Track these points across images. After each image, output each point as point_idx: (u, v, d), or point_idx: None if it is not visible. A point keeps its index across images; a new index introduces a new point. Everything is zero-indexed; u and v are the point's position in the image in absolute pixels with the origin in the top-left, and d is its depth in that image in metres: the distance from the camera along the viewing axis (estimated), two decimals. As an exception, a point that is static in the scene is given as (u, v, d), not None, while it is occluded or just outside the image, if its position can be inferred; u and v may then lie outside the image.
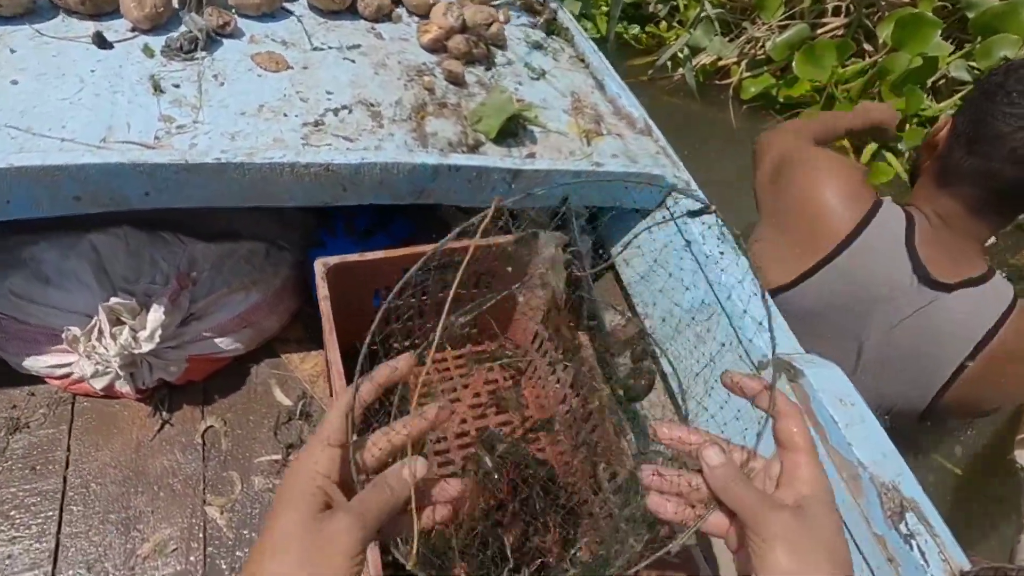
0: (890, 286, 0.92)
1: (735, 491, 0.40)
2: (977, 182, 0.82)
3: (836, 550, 0.38)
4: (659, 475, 0.44)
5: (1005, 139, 0.77)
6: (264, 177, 0.66)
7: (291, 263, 0.93)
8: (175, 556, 0.75)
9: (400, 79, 0.86)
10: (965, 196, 0.85)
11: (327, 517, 0.36)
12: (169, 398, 0.87)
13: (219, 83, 0.75)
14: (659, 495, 0.44)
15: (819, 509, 0.39)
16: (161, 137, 0.66)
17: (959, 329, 0.89)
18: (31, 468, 0.78)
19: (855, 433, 0.64)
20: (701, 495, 0.43)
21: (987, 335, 0.88)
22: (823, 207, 0.95)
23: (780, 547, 0.37)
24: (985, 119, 0.79)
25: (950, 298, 0.89)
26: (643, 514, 0.54)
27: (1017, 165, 0.77)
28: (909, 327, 0.92)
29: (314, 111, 0.75)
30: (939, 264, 0.90)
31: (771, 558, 0.37)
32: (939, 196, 0.88)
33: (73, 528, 0.75)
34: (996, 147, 0.78)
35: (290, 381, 0.93)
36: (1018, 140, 0.76)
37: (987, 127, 0.79)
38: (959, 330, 0.89)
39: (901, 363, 0.93)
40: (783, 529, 0.38)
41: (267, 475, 0.83)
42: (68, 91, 0.68)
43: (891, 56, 1.84)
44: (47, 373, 0.80)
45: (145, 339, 0.76)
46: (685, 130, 2.06)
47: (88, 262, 0.77)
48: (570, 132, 0.91)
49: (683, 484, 0.43)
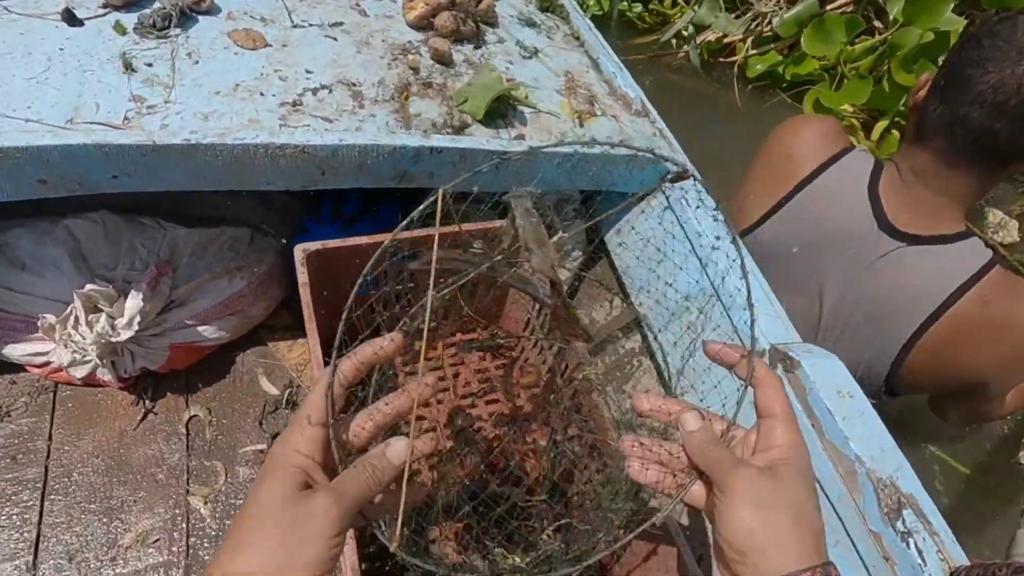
0: (847, 229, 0.89)
1: (709, 453, 0.39)
2: (947, 131, 0.79)
3: (803, 512, 0.37)
4: (639, 444, 0.43)
5: (972, 84, 0.75)
6: (237, 159, 0.64)
7: (276, 250, 0.91)
8: (157, 546, 0.74)
9: (384, 58, 0.82)
10: (938, 148, 0.81)
11: (305, 496, 0.35)
12: (153, 387, 0.85)
13: (193, 61, 0.72)
14: (639, 463, 0.43)
15: (789, 471, 0.38)
16: (131, 118, 0.64)
17: (923, 286, 0.84)
18: (12, 457, 0.77)
19: (853, 427, 0.61)
20: (682, 464, 0.42)
21: (952, 296, 0.82)
22: (791, 148, 0.95)
23: (743, 503, 0.36)
24: (955, 68, 0.77)
25: (915, 251, 0.85)
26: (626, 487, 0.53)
27: (984, 109, 0.74)
28: (869, 279, 0.88)
29: (292, 91, 0.72)
30: (904, 214, 0.86)
31: (733, 513, 0.36)
32: (914, 151, 0.85)
33: (55, 518, 0.74)
34: (964, 92, 0.76)
35: (277, 370, 0.91)
36: (985, 84, 0.73)
37: (956, 75, 0.77)
38: (923, 288, 0.84)
39: (861, 322, 0.89)
40: (748, 485, 0.37)
41: (252, 465, 0.82)
42: (35, 70, 0.66)
43: (902, 31, 1.77)
44: (27, 361, 0.79)
45: (123, 327, 0.74)
46: (688, 110, 2.01)
47: (65, 248, 0.75)
48: (562, 113, 0.87)
49: (663, 453, 0.43)
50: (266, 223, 0.91)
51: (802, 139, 0.96)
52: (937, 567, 0.54)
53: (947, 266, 0.84)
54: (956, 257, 0.84)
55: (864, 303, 0.89)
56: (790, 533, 0.35)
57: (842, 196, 0.90)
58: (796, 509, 0.36)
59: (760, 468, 0.38)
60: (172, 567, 0.72)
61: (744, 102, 2.03)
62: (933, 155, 0.82)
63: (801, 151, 0.94)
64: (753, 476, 0.37)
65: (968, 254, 0.84)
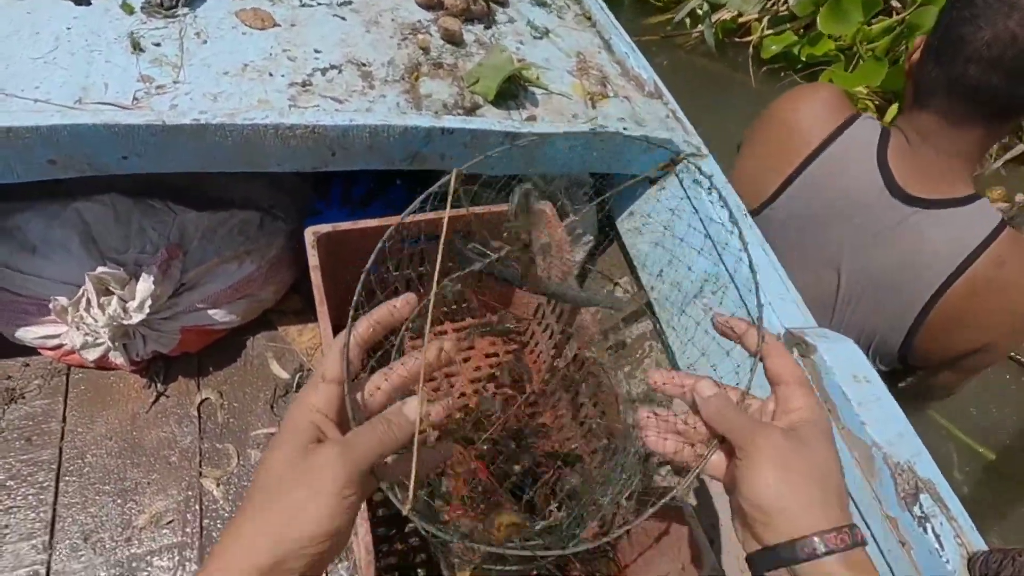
0: (860, 199, 0.88)
1: (728, 417, 0.38)
2: (946, 91, 0.80)
3: (829, 473, 0.36)
4: (655, 415, 0.43)
5: (965, 42, 0.75)
6: (247, 140, 0.63)
7: (286, 233, 0.91)
8: (171, 528, 0.74)
9: (393, 37, 0.81)
10: (939, 108, 0.81)
11: (315, 449, 0.34)
12: (164, 370, 0.86)
13: (201, 41, 0.71)
14: (656, 433, 0.42)
15: (812, 432, 0.37)
16: (140, 98, 0.63)
17: (937, 251, 0.83)
18: (26, 439, 0.77)
19: (869, 412, 0.61)
20: (700, 435, 0.41)
21: (968, 259, 0.82)
22: (795, 122, 0.94)
23: (767, 463, 0.35)
24: (948, 29, 0.77)
25: (927, 215, 0.84)
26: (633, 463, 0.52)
27: (979, 65, 0.75)
28: (884, 248, 0.87)
29: (301, 71, 0.72)
30: (914, 179, 0.85)
31: (757, 474, 0.35)
32: (917, 114, 0.85)
33: (70, 499, 0.74)
34: (958, 51, 0.76)
35: (287, 354, 0.91)
36: (979, 40, 0.74)
37: (950, 35, 0.77)
38: (936, 252, 0.83)
39: (878, 290, 0.89)
40: (772, 446, 0.36)
41: (263, 448, 0.82)
42: (42, 49, 0.65)
43: (921, 10, 1.73)
44: (39, 344, 0.79)
45: (135, 309, 0.74)
46: (702, 91, 1.98)
47: (75, 231, 0.75)
48: (574, 94, 0.86)
49: (679, 423, 0.42)
50: (276, 206, 0.90)
51: (806, 111, 0.94)
52: (955, 552, 0.53)
53: (961, 229, 0.83)
54: (969, 220, 0.83)
55: (881, 272, 0.88)
56: (816, 493, 0.35)
57: (852, 166, 0.89)
58: (821, 470, 0.36)
59: (783, 429, 0.37)
60: (186, 548, 0.73)
61: (758, 83, 2.00)
62: (935, 115, 0.82)
63: (806, 123, 0.93)
64: (778, 436, 0.36)
65: (980, 216, 0.83)
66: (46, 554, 0.70)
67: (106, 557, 0.71)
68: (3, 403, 0.80)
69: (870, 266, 0.89)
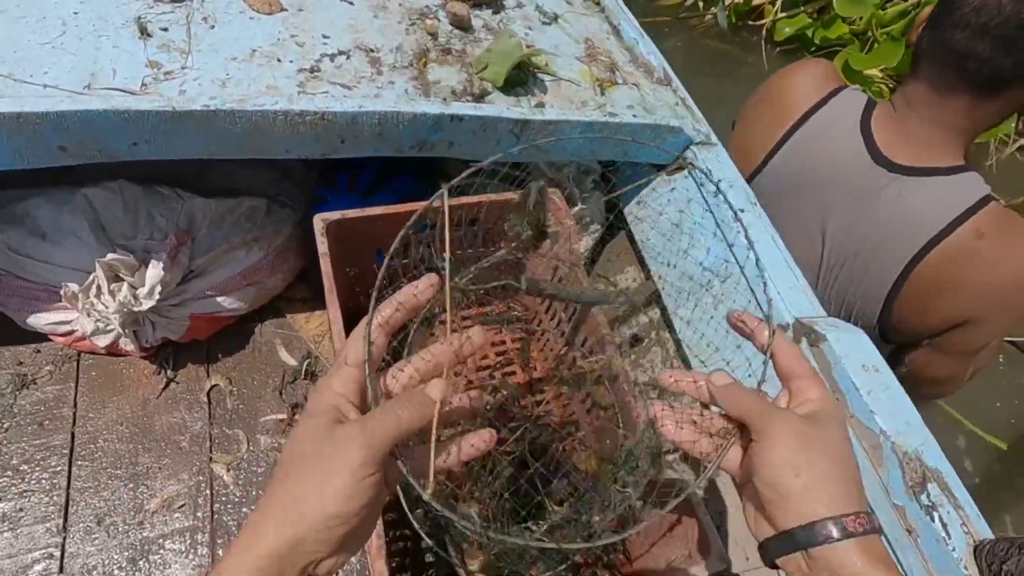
0: (842, 165, 0.90)
1: (744, 400, 0.38)
2: (935, 57, 0.80)
3: (846, 459, 0.36)
4: (670, 407, 0.43)
5: (956, 8, 0.76)
6: (257, 126, 0.63)
7: (294, 220, 0.91)
8: (183, 511, 0.75)
9: (401, 23, 0.80)
10: (928, 75, 0.82)
11: (333, 429, 0.35)
12: (174, 356, 0.86)
13: (209, 26, 0.71)
14: (673, 423, 0.42)
15: (830, 419, 0.37)
16: (148, 84, 0.63)
17: (916, 218, 0.83)
18: (39, 424, 0.78)
19: (878, 401, 0.61)
20: (717, 425, 0.41)
21: (945, 229, 0.81)
22: (785, 92, 0.97)
23: (785, 446, 0.35)
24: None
25: (909, 183, 0.84)
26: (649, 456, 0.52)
27: (966, 32, 0.75)
28: (865, 215, 0.88)
29: (309, 57, 0.71)
30: (897, 147, 0.86)
31: (775, 456, 0.35)
32: (908, 82, 0.86)
33: (82, 483, 0.75)
34: (949, 16, 0.77)
35: (295, 341, 0.92)
36: (968, 6, 0.75)
37: (945, 2, 0.79)
38: (916, 220, 0.83)
39: (858, 258, 0.89)
40: (790, 428, 0.36)
41: (272, 434, 0.83)
42: (50, 35, 0.65)
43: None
44: (50, 330, 0.80)
45: (145, 296, 0.74)
46: (713, 74, 1.96)
47: (84, 218, 0.75)
48: (583, 81, 0.85)
49: (695, 414, 0.42)
50: (283, 194, 0.90)
51: (796, 82, 0.97)
52: (961, 540, 0.54)
53: (943, 198, 0.83)
54: (952, 189, 0.83)
55: (862, 239, 0.89)
56: (833, 473, 0.35)
57: (834, 133, 0.91)
58: (839, 455, 0.36)
59: (801, 415, 0.37)
60: (198, 532, 0.74)
61: (771, 66, 1.98)
62: (924, 83, 0.82)
63: (795, 93, 0.96)
64: (796, 420, 0.36)
65: (965, 186, 0.83)
66: (60, 537, 0.71)
67: (119, 540, 0.72)
68: (15, 389, 0.81)
69: (852, 233, 0.89)
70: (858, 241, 0.89)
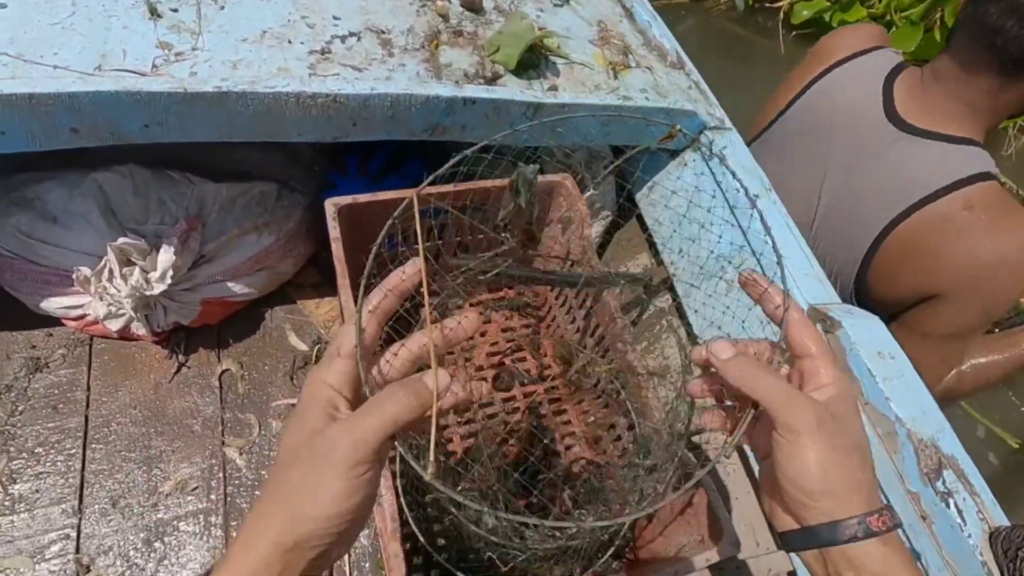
0: (857, 115, 0.91)
1: (758, 378, 0.36)
2: (968, 30, 0.80)
3: (866, 452, 0.36)
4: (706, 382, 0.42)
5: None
6: (268, 109, 0.62)
7: (304, 205, 0.90)
8: (196, 494, 0.76)
9: (412, 4, 0.79)
10: (958, 48, 0.82)
11: (324, 428, 0.34)
12: (185, 341, 0.86)
13: (219, 7, 0.70)
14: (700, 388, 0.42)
15: (845, 407, 0.36)
16: (159, 65, 0.62)
17: (909, 179, 0.83)
18: (53, 407, 0.79)
19: (893, 388, 0.60)
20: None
21: (933, 193, 0.79)
22: (830, 43, 1.00)
23: (812, 443, 0.34)
24: None
25: (913, 142, 0.85)
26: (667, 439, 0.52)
27: (999, 6, 0.75)
28: (868, 168, 0.88)
29: (320, 38, 0.70)
30: (914, 110, 0.87)
31: (804, 454, 0.34)
32: (940, 56, 0.87)
33: (97, 465, 0.76)
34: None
35: (305, 326, 0.92)
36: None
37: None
38: (908, 180, 0.83)
39: (844, 216, 0.89)
40: (815, 425, 0.34)
41: (284, 419, 0.83)
42: (59, 15, 0.64)
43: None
44: (62, 314, 0.80)
45: (156, 280, 0.74)
46: (729, 57, 1.93)
47: (95, 201, 0.75)
48: (596, 64, 0.84)
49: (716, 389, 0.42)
50: (293, 178, 0.90)
51: (842, 35, 1.00)
52: (977, 527, 0.54)
53: (941, 162, 0.82)
54: (953, 156, 0.82)
55: (855, 195, 0.89)
56: (858, 475, 0.34)
57: (857, 84, 0.92)
58: (860, 448, 0.35)
59: (823, 404, 0.36)
60: (211, 514, 0.74)
61: (787, 50, 1.96)
62: (953, 58, 0.82)
63: (834, 46, 0.98)
64: (823, 413, 0.35)
65: (967, 158, 0.82)
66: (76, 518, 0.72)
67: (134, 522, 0.73)
68: (29, 372, 0.81)
69: (848, 188, 0.89)
70: (852, 198, 0.89)
